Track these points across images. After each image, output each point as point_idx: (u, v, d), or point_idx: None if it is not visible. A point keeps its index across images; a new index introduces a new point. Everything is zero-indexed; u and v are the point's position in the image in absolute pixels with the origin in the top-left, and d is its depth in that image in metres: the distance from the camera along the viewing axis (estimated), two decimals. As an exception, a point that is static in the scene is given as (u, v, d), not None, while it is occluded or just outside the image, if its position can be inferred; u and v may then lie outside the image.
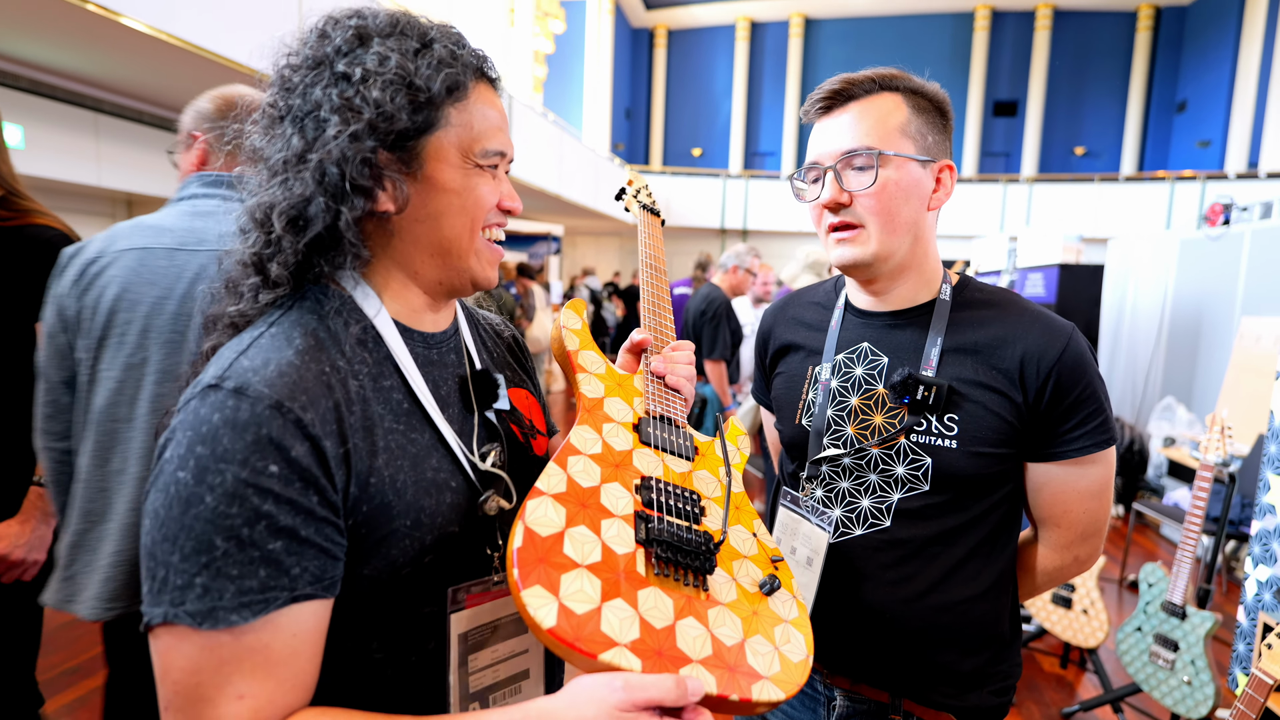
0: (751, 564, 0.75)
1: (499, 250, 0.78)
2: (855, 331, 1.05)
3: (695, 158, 18.39)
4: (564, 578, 0.61)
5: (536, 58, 12.51)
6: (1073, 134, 16.13)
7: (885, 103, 0.95)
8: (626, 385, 0.90)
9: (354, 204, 0.66)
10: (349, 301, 0.70)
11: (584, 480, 0.72)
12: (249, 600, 0.55)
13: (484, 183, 0.73)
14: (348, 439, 0.63)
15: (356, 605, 0.65)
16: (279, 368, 0.61)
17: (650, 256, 1.06)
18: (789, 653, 0.67)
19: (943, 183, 0.98)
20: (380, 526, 0.64)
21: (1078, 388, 0.92)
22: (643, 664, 0.58)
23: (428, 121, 0.68)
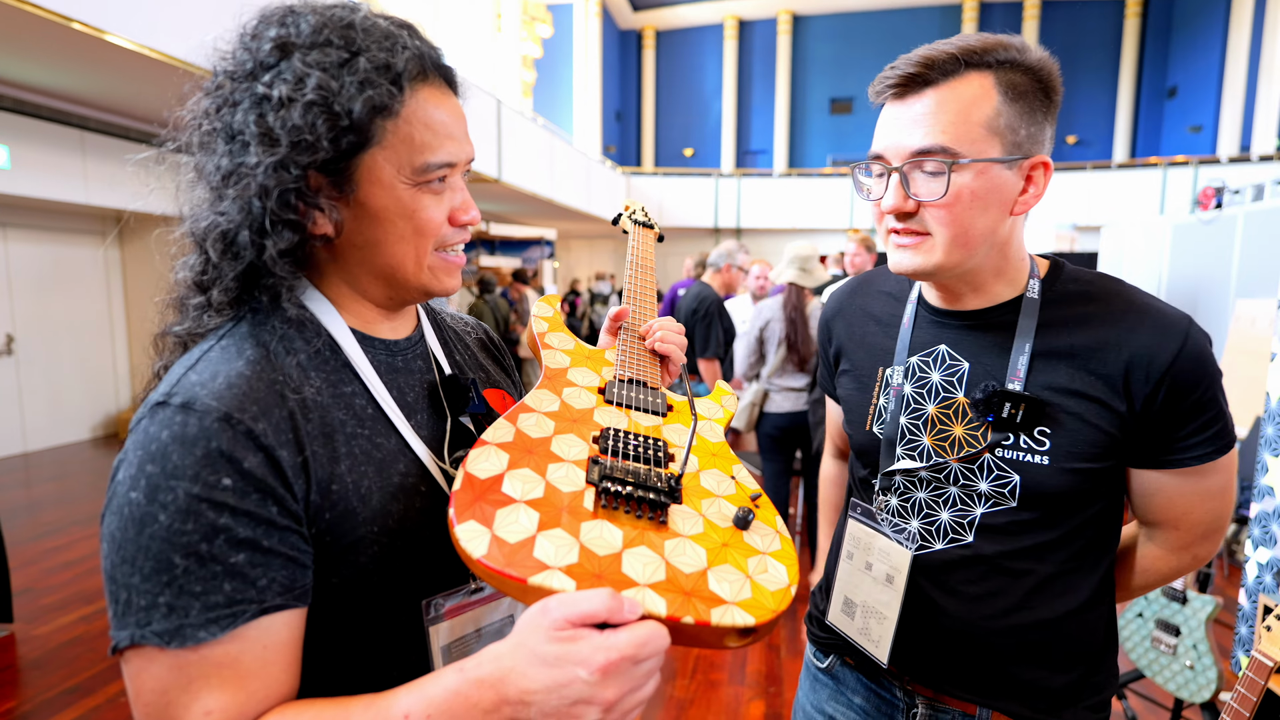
0: (726, 502, 0.69)
1: (458, 260, 0.74)
2: (930, 331, 0.93)
3: (687, 158, 18.40)
4: (499, 512, 0.59)
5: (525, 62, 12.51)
6: (1064, 123, 16.15)
7: (971, 88, 0.78)
8: (596, 357, 0.89)
9: (281, 237, 0.64)
10: (303, 310, 0.69)
11: (534, 432, 0.70)
12: (216, 616, 0.54)
13: (429, 202, 0.68)
14: (305, 447, 0.61)
15: (330, 617, 0.64)
16: (227, 379, 0.60)
17: (640, 258, 1.07)
18: (764, 581, 0.61)
19: (1034, 181, 0.82)
20: (346, 534, 0.63)
21: (1197, 390, 0.79)
22: (577, 586, 0.54)
23: (357, 142, 0.63)
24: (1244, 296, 4.38)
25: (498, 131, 8.17)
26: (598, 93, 15.75)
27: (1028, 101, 0.80)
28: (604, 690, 0.49)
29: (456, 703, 0.52)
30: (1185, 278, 5.22)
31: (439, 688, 0.53)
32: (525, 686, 0.50)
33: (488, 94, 7.94)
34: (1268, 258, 4.33)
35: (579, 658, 0.49)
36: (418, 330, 0.81)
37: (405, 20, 0.69)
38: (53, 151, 5.27)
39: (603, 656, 0.49)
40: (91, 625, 3.17)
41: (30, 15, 3.34)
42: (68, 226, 6.63)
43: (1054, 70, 0.82)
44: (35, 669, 2.81)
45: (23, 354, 6.29)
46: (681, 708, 2.65)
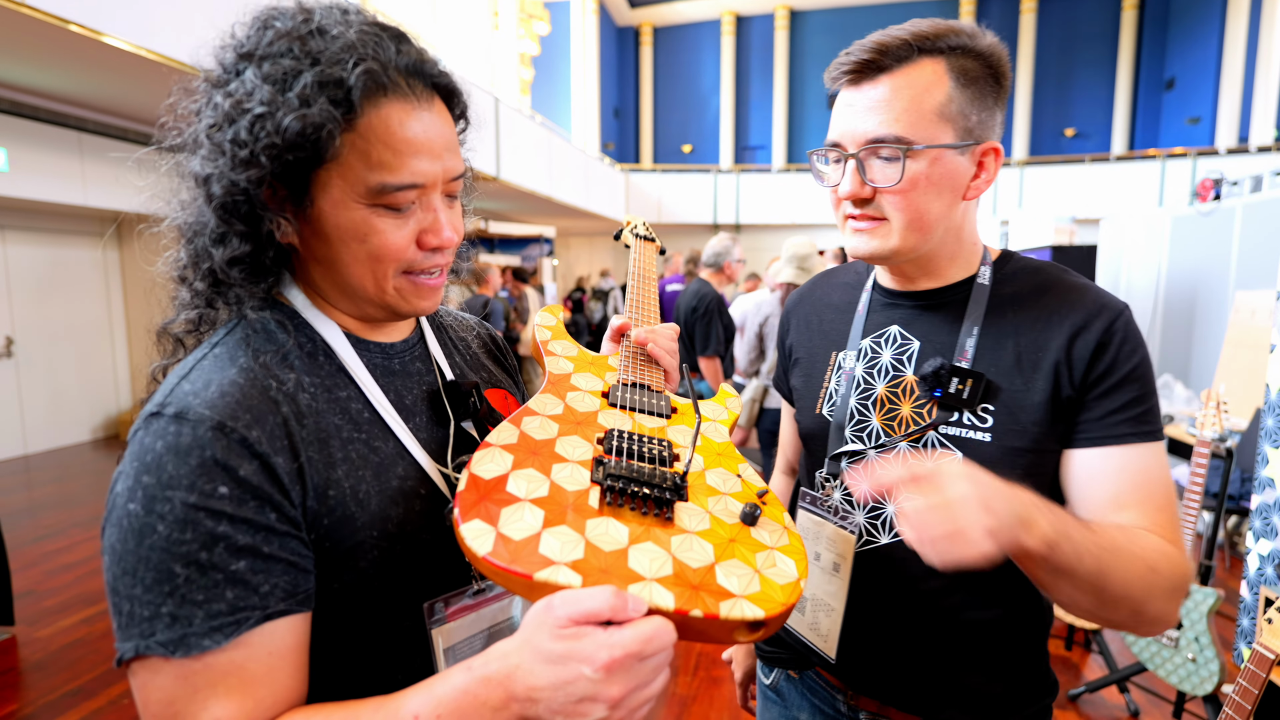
0: (732, 499, 0.69)
1: (432, 282, 0.71)
2: (883, 314, 0.96)
3: (686, 154, 18.36)
4: (504, 510, 0.59)
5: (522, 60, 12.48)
6: (1062, 116, 16.10)
7: (923, 74, 0.80)
8: (599, 363, 0.90)
9: (229, 245, 0.64)
10: (295, 315, 0.69)
11: (538, 434, 0.70)
12: (220, 624, 0.54)
13: (388, 225, 0.64)
14: (300, 453, 0.61)
15: (333, 622, 0.64)
16: (220, 388, 0.60)
17: (641, 270, 1.09)
18: (773, 575, 0.61)
19: (985, 167, 0.85)
20: (345, 538, 0.63)
21: (1127, 365, 0.81)
22: (584, 581, 0.54)
23: (305, 158, 0.61)
24: (1243, 288, 4.37)
25: (496, 129, 8.16)
26: (595, 90, 15.71)
27: (979, 87, 0.82)
28: (609, 687, 0.49)
29: (465, 701, 0.52)
30: (1184, 270, 5.21)
31: (447, 687, 0.53)
32: (532, 684, 0.50)
33: (486, 92, 7.93)
34: (1267, 249, 4.33)
35: (583, 655, 0.49)
36: (416, 332, 0.81)
37: (390, 27, 0.67)
38: (51, 153, 5.26)
39: (606, 654, 0.49)
40: (93, 627, 3.17)
41: (27, 17, 3.33)
42: (66, 228, 6.62)
43: (1004, 56, 0.84)
44: (37, 671, 2.82)
45: (22, 356, 6.29)
46: (684, 705, 2.65)
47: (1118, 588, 0.71)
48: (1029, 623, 0.90)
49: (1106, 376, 0.81)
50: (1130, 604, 0.73)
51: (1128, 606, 0.73)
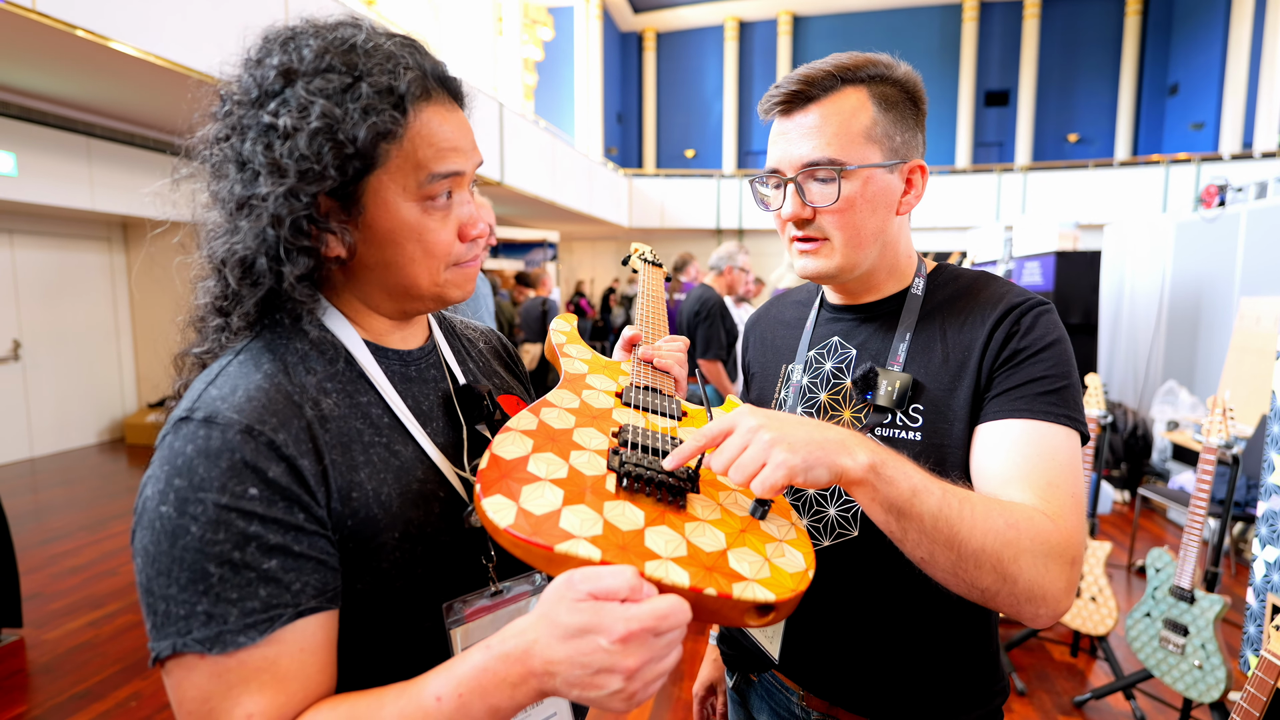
0: (741, 495, 0.72)
1: (472, 269, 0.75)
2: (827, 327, 1.02)
3: (688, 159, 18.40)
4: (525, 488, 0.61)
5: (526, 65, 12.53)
6: (1065, 121, 16.11)
7: (848, 101, 0.87)
8: (613, 367, 0.93)
9: (297, 263, 0.65)
10: (318, 324, 0.70)
11: (556, 424, 0.72)
12: (254, 620, 0.56)
13: (436, 222, 0.69)
14: (324, 456, 0.63)
15: (356, 621, 0.65)
16: (247, 393, 0.62)
17: (650, 290, 1.15)
18: (782, 564, 0.62)
19: (914, 184, 0.92)
20: (368, 540, 0.65)
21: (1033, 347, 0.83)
22: (602, 555, 0.56)
23: (363, 167, 0.64)
24: (1248, 294, 4.37)
25: (500, 134, 8.19)
26: (599, 95, 15.76)
27: (899, 111, 0.89)
28: (625, 659, 0.50)
29: (485, 679, 0.54)
30: (1189, 276, 5.21)
31: (466, 666, 0.55)
32: (549, 657, 0.51)
33: (490, 97, 7.97)
34: (1272, 255, 4.32)
35: (601, 627, 0.50)
36: (430, 340, 0.83)
37: (408, 37, 0.70)
38: (59, 159, 5.29)
39: (623, 626, 0.50)
40: (100, 630, 3.18)
41: (34, 23, 3.36)
42: (74, 233, 6.66)
43: (919, 82, 0.91)
44: (45, 674, 2.83)
45: (29, 360, 6.32)
46: (689, 709, 2.65)
47: (973, 540, 0.67)
48: (977, 623, 0.92)
49: (1012, 358, 0.84)
50: (992, 563, 0.68)
51: (990, 566, 0.68)
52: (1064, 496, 0.76)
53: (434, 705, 0.55)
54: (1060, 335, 0.85)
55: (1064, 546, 0.71)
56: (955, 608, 0.89)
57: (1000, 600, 0.70)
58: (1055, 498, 0.75)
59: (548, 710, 0.75)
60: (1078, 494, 0.77)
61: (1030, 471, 0.77)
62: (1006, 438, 0.81)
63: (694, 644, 3.13)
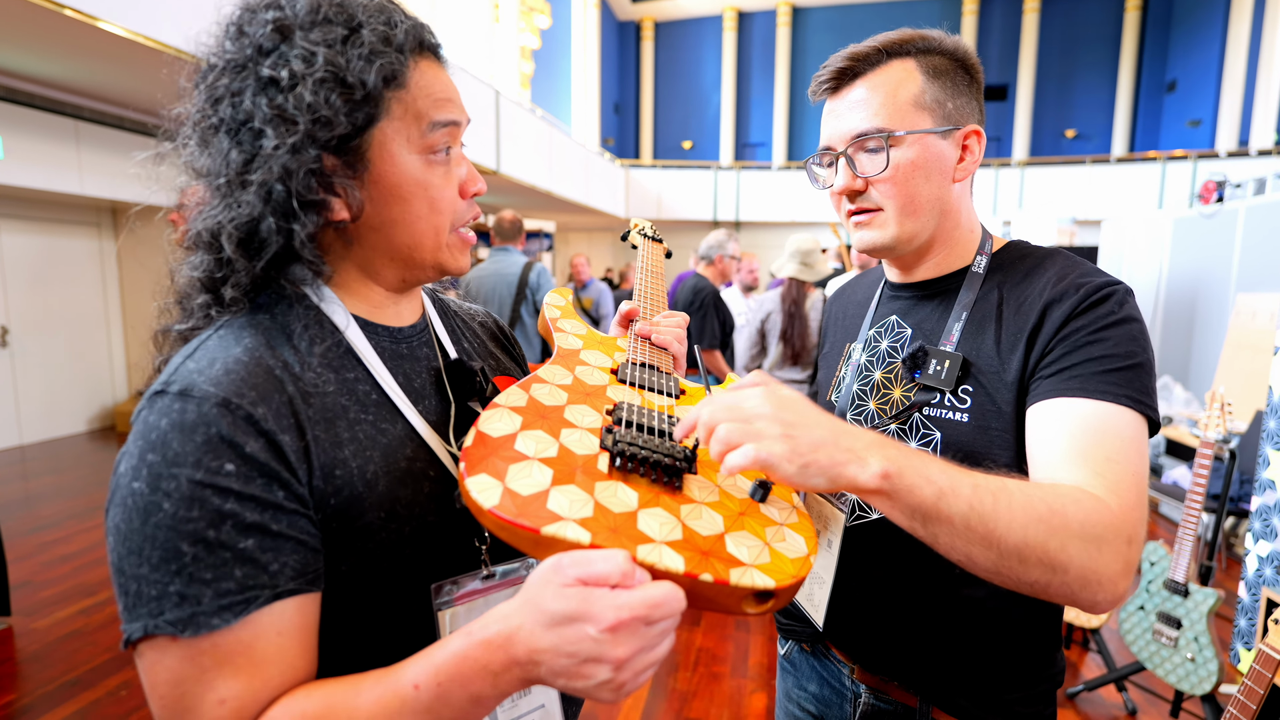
0: (741, 476, 0.69)
1: (470, 238, 0.74)
2: (888, 306, 1.01)
3: (686, 150, 18.32)
4: (512, 467, 0.58)
5: (523, 54, 12.42)
6: (1064, 117, 16.10)
7: (895, 73, 0.87)
8: (608, 343, 0.90)
9: (307, 220, 0.63)
10: (304, 299, 0.68)
11: (547, 400, 0.70)
12: (229, 602, 0.54)
13: (439, 176, 0.69)
14: (306, 431, 0.61)
15: (340, 603, 0.63)
16: (225, 366, 0.60)
17: (649, 264, 1.12)
18: (783, 549, 0.60)
19: (970, 149, 0.89)
20: (353, 520, 0.63)
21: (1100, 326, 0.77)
22: (592, 538, 0.53)
23: (370, 115, 0.64)
24: (1245, 290, 4.38)
25: (496, 123, 8.12)
26: (596, 85, 15.65)
27: (950, 78, 0.88)
28: (614, 649, 0.48)
29: (465, 666, 0.52)
30: (1185, 272, 5.22)
31: (446, 653, 0.53)
32: (534, 645, 0.49)
33: (486, 85, 7.88)
34: (1269, 251, 4.33)
35: (589, 615, 0.48)
36: (423, 318, 0.81)
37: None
38: (46, 141, 5.20)
39: (613, 615, 0.48)
40: (90, 619, 3.16)
41: (21, 2, 3.29)
42: (62, 218, 6.58)
43: (970, 52, 0.91)
44: (34, 662, 2.80)
45: (17, 346, 6.25)
46: (684, 700, 2.65)
47: (1012, 535, 0.62)
48: (1029, 603, 0.88)
49: (1070, 335, 0.78)
50: (1037, 555, 0.63)
51: (1036, 559, 0.63)
52: (1122, 472, 0.69)
53: (412, 694, 0.53)
54: (1131, 315, 0.79)
55: (1118, 525, 0.65)
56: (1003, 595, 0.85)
57: (1053, 591, 0.65)
58: (1113, 473, 0.69)
59: (536, 700, 0.73)
60: (1140, 473, 0.71)
61: (1087, 448, 0.71)
62: (1061, 417, 0.74)
63: (688, 634, 3.13)
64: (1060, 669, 0.93)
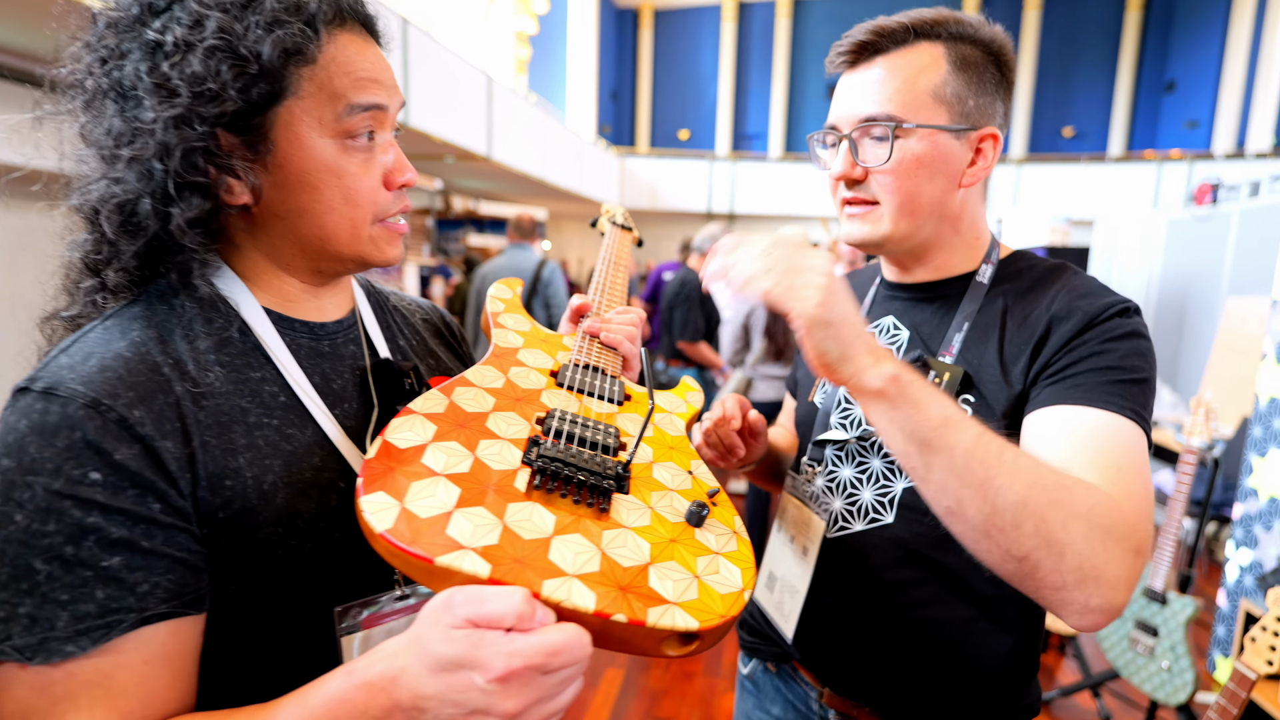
0: (679, 496, 0.64)
1: (400, 228, 0.68)
2: (883, 305, 0.96)
3: (683, 140, 18.19)
4: (415, 484, 0.53)
5: (519, 39, 12.26)
6: (1061, 114, 16.05)
7: (920, 57, 0.80)
8: (553, 341, 0.84)
9: (190, 203, 0.58)
10: (209, 289, 0.63)
11: (469, 406, 0.64)
12: (87, 627, 0.49)
13: (358, 164, 0.62)
14: (192, 437, 0.56)
15: (232, 627, 0.59)
16: (101, 362, 0.54)
17: (613, 255, 1.04)
18: (714, 583, 0.55)
19: (983, 154, 0.83)
20: (245, 534, 0.58)
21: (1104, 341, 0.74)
22: (492, 570, 0.48)
23: (270, 92, 0.57)
24: (1236, 294, 4.35)
25: (488, 108, 8.00)
26: (594, 72, 15.49)
27: (977, 73, 0.81)
28: (504, 701, 0.44)
29: (342, 710, 0.47)
30: (1177, 274, 5.19)
31: (322, 695, 0.48)
32: (419, 691, 0.45)
33: (478, 70, 7.75)
34: (1262, 255, 4.29)
35: (477, 662, 0.44)
36: (352, 313, 0.75)
37: None
38: None
39: (503, 664, 0.43)
40: None
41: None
42: None
43: (1006, 46, 0.83)
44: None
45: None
46: (655, 699, 2.62)
47: (1013, 490, 0.57)
48: (1020, 625, 0.84)
49: (1079, 347, 0.75)
50: (1035, 523, 0.57)
51: (1033, 526, 0.57)
52: (1135, 485, 0.65)
53: None
54: (1139, 331, 0.76)
55: (1129, 529, 0.60)
56: (996, 606, 0.82)
57: (1042, 575, 0.58)
58: (1125, 482, 0.64)
59: None
60: (1149, 490, 0.67)
61: (1096, 455, 0.66)
62: (1066, 424, 0.70)
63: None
64: (1036, 698, 0.89)
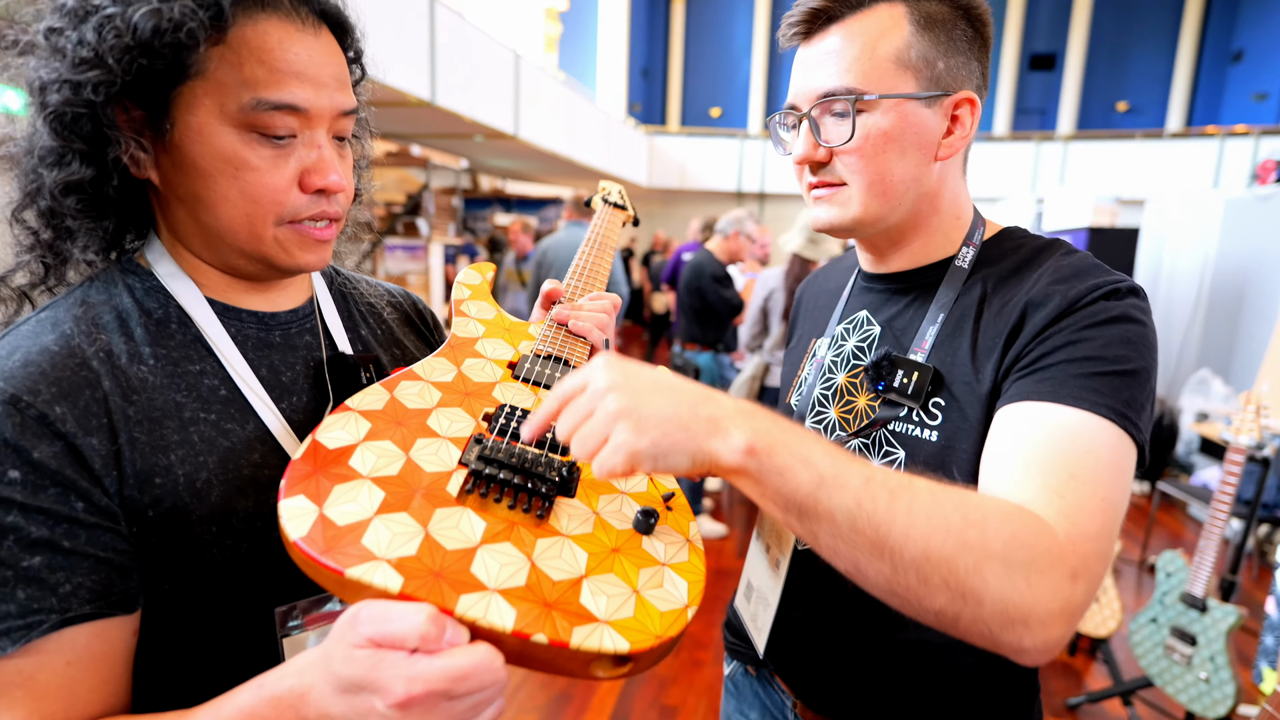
0: (631, 500, 0.60)
1: (319, 233, 0.63)
2: (859, 298, 0.88)
3: (714, 118, 17.87)
4: (338, 488, 0.51)
5: (549, 15, 12.12)
6: (1116, 88, 15.28)
7: (879, 20, 0.72)
8: (517, 330, 0.79)
9: (66, 167, 0.56)
10: (150, 277, 0.62)
11: (412, 402, 0.61)
12: (7, 628, 0.49)
13: (263, 159, 0.58)
14: (119, 434, 0.55)
15: (167, 627, 0.58)
16: (26, 356, 0.54)
17: (600, 237, 0.99)
18: (655, 598, 0.51)
19: (960, 120, 0.74)
20: (177, 533, 0.56)
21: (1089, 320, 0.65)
22: (405, 583, 0.45)
23: (167, 69, 0.54)
24: (1298, 279, 4.05)
25: (515, 86, 7.92)
26: (624, 49, 15.27)
27: (946, 31, 0.73)
28: None
29: None
30: (1235, 258, 4.88)
31: (233, 707, 0.48)
32: (325, 710, 0.45)
33: (506, 48, 7.66)
34: (1329, 237, 3.99)
35: (377, 685, 0.42)
36: (310, 302, 0.73)
37: None
38: None
39: (403, 688, 0.42)
40: None
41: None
42: None
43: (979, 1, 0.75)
44: None
45: None
46: (663, 685, 2.58)
47: (911, 545, 0.51)
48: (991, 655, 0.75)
49: (1051, 335, 0.66)
50: (942, 575, 0.51)
51: (940, 580, 0.51)
52: (1086, 495, 0.57)
53: None
54: (1128, 314, 0.66)
55: (1060, 554, 0.53)
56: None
57: (965, 626, 0.53)
58: (1074, 494, 0.57)
59: None
60: (1110, 499, 0.58)
61: (1046, 461, 0.59)
62: (1024, 423, 0.63)
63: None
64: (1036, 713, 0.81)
